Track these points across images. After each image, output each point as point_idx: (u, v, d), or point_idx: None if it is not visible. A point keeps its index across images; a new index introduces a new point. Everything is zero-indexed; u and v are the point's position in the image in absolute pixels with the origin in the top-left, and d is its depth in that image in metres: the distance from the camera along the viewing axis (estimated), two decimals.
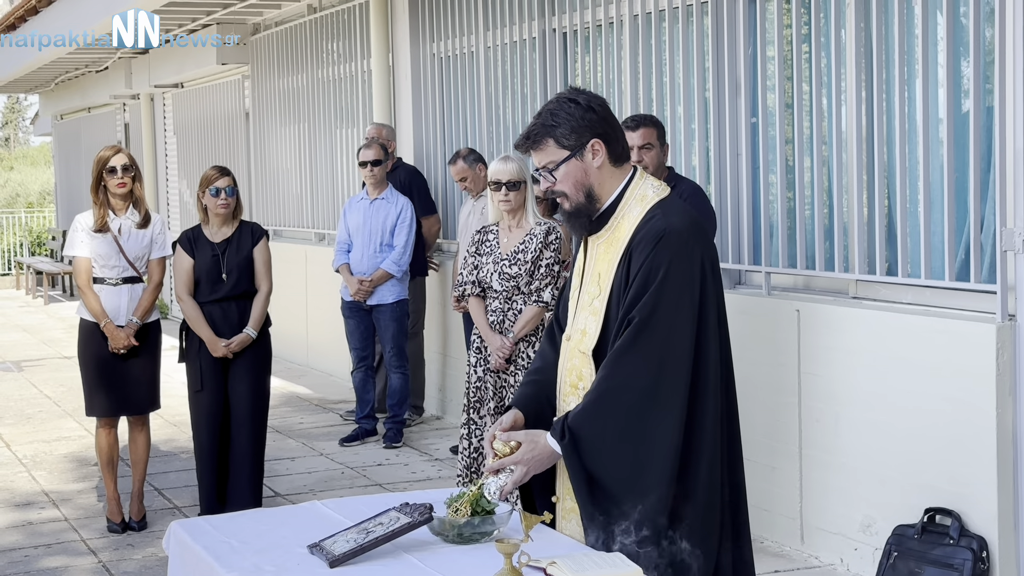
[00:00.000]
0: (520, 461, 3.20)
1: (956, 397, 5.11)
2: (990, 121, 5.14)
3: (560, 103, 3.30)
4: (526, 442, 3.22)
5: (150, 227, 6.63)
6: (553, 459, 3.22)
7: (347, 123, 11.09)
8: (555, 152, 3.29)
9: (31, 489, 7.62)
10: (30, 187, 35.35)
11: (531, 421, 3.34)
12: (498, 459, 3.21)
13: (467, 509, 3.15)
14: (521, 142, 3.35)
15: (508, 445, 3.22)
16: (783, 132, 6.14)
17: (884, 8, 5.58)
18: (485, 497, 3.17)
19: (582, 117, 3.27)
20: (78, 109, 20.99)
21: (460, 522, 3.14)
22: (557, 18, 8.02)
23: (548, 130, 3.29)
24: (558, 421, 3.21)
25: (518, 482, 3.20)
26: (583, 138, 3.27)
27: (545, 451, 3.20)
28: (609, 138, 3.30)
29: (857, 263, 5.73)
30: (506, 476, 3.20)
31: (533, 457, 3.20)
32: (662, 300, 3.14)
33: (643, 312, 3.13)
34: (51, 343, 14.36)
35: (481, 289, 6.27)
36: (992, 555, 4.99)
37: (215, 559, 3.11)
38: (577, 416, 3.17)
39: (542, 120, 3.30)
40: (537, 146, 3.32)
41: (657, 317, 3.13)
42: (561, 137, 3.27)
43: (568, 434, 3.16)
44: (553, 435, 3.20)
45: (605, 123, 3.30)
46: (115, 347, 6.50)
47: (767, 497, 5.97)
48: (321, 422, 9.41)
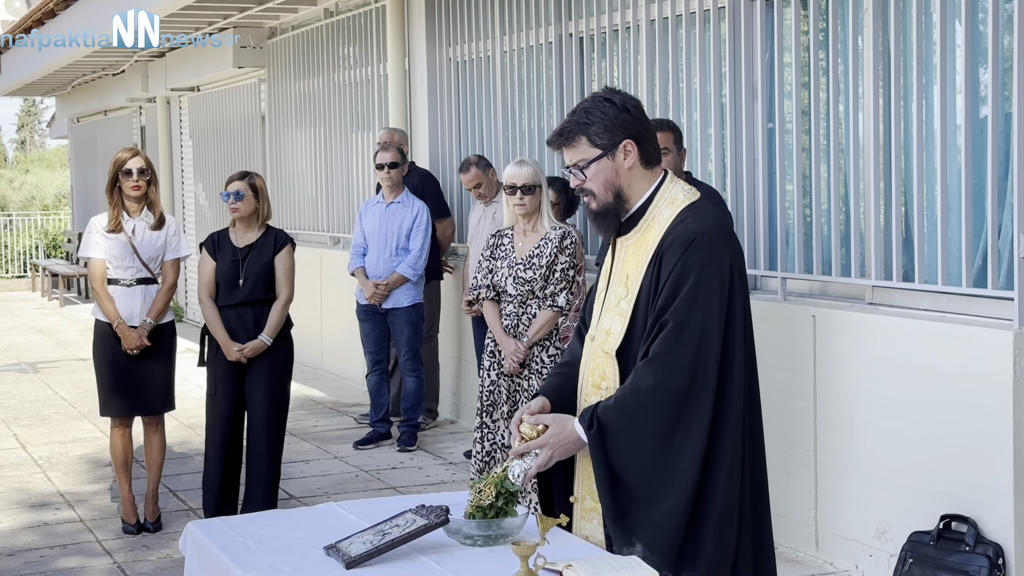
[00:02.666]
0: (546, 444, 3.21)
1: (972, 404, 5.10)
2: (1008, 127, 5.13)
3: (595, 102, 3.30)
4: (553, 425, 3.24)
5: (164, 229, 6.65)
6: (578, 446, 3.23)
7: (363, 127, 11.11)
8: (587, 150, 3.30)
9: (47, 490, 7.64)
10: (46, 190, 35.51)
11: (558, 410, 3.35)
12: (524, 442, 3.22)
13: (491, 491, 3.16)
14: (554, 138, 3.36)
15: (535, 428, 3.24)
16: (799, 138, 6.14)
17: (902, 15, 5.57)
18: (509, 479, 3.18)
19: (616, 117, 3.27)
20: (94, 112, 21.05)
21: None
22: (574, 23, 8.02)
23: (582, 128, 3.29)
24: (587, 410, 3.22)
25: (542, 465, 3.21)
26: (616, 138, 3.27)
27: (571, 436, 3.21)
28: (642, 139, 3.30)
29: (874, 269, 5.72)
30: (531, 459, 3.21)
31: (559, 441, 3.21)
32: (696, 304, 3.15)
33: (678, 316, 3.14)
34: (66, 345, 14.40)
35: (496, 293, 6.28)
36: (1008, 562, 4.97)
37: (232, 560, 3.12)
38: (607, 408, 3.18)
39: (576, 117, 3.31)
40: (569, 143, 3.32)
41: (692, 321, 3.14)
42: (594, 135, 3.28)
43: (596, 424, 3.17)
44: (581, 422, 3.21)
45: (639, 124, 3.30)
46: (128, 348, 6.52)
47: (782, 502, 5.96)
48: (336, 425, 9.42)
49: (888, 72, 5.64)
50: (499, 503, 3.16)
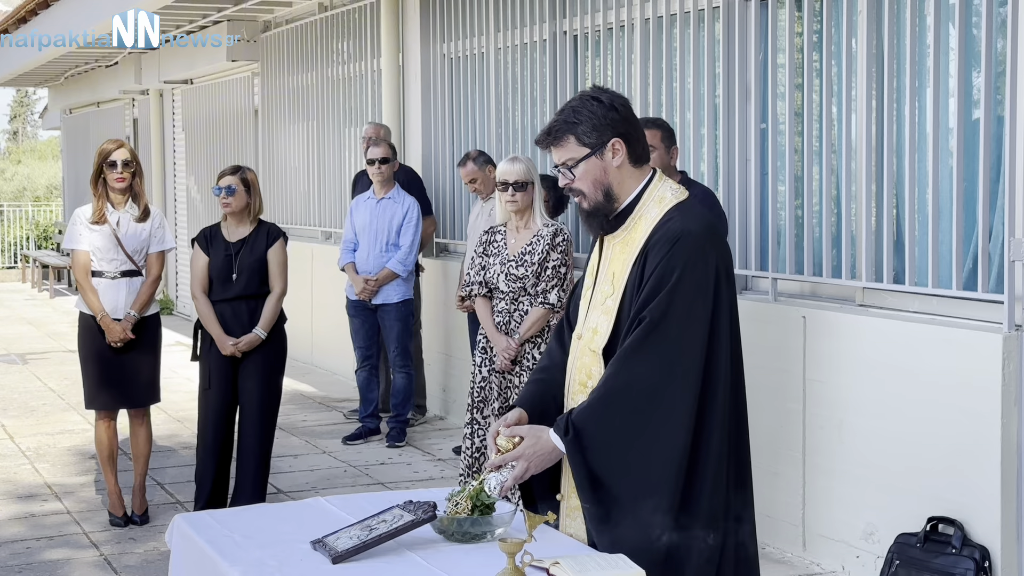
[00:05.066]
0: (521, 456, 3.18)
1: (961, 406, 5.10)
2: (1000, 131, 5.13)
3: (583, 101, 3.29)
4: (528, 437, 3.21)
5: (149, 221, 6.63)
6: (555, 456, 3.21)
7: (356, 122, 11.10)
8: (575, 149, 3.29)
9: (34, 481, 7.62)
10: (37, 181, 35.43)
11: (535, 420, 3.32)
12: (500, 455, 3.21)
13: (467, 504, 3.15)
14: (542, 138, 3.35)
15: (511, 441, 3.22)
16: (792, 139, 6.14)
17: (896, 18, 5.58)
18: (485, 492, 3.17)
19: (604, 116, 3.26)
20: (87, 104, 21.01)
21: (460, 518, 3.13)
22: (568, 21, 8.02)
23: (569, 127, 3.28)
24: (562, 418, 3.20)
25: (519, 478, 3.19)
26: (604, 136, 3.27)
27: (547, 447, 3.19)
28: (630, 138, 3.30)
29: (864, 270, 5.72)
30: (507, 472, 3.19)
31: (535, 452, 3.19)
32: (675, 302, 3.13)
33: (655, 313, 3.13)
34: (56, 336, 14.38)
35: (488, 289, 6.28)
36: (995, 565, 4.98)
37: (218, 553, 3.11)
38: (582, 413, 3.17)
39: (564, 117, 3.30)
40: (558, 142, 3.31)
41: (669, 319, 3.12)
42: (582, 135, 3.27)
43: (572, 430, 3.15)
44: (556, 431, 3.19)
45: (627, 123, 3.29)
46: (112, 341, 6.50)
47: (770, 503, 5.96)
48: (325, 420, 9.41)
49: (881, 74, 5.65)
50: (475, 516, 3.15)
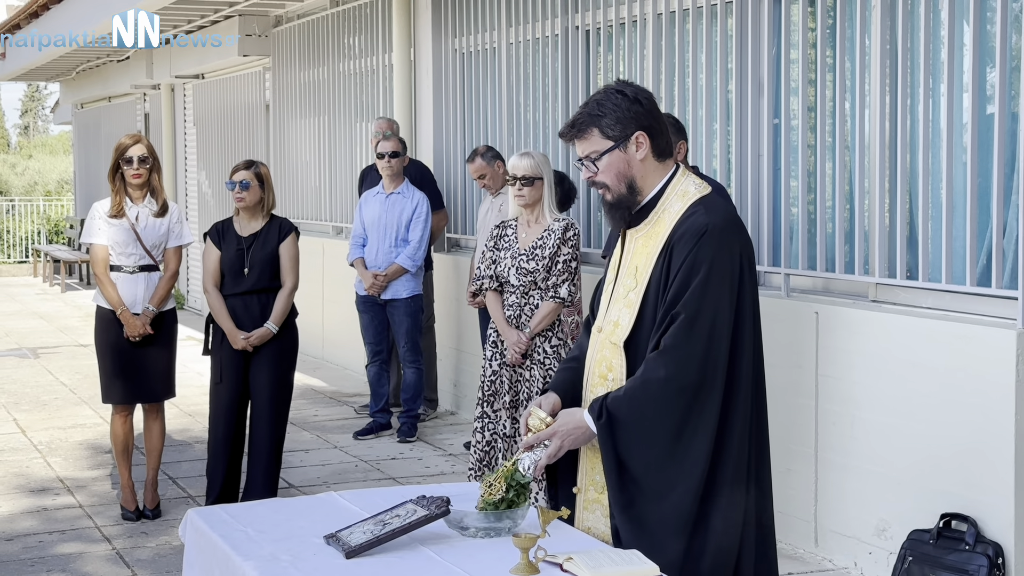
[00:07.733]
0: (555, 434, 3.23)
1: (974, 403, 5.09)
2: (1015, 127, 5.12)
3: (607, 94, 3.30)
4: (562, 415, 3.26)
5: (167, 216, 6.65)
6: (588, 436, 3.23)
7: (367, 117, 11.10)
8: (599, 142, 3.29)
9: (46, 475, 7.64)
10: (48, 175, 35.48)
11: (567, 404, 3.36)
12: (532, 434, 3.22)
13: (501, 485, 3.16)
14: (566, 130, 3.35)
15: (544, 421, 3.24)
16: (805, 134, 6.13)
17: (910, 13, 5.56)
18: (519, 471, 3.18)
19: (628, 109, 3.26)
20: (98, 98, 21.04)
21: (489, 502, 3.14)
22: (580, 16, 8.01)
23: (593, 120, 3.29)
24: (597, 400, 3.23)
25: (553, 456, 3.22)
26: (628, 130, 3.27)
27: (580, 426, 3.22)
28: (654, 132, 3.30)
29: (877, 266, 5.71)
30: (540, 451, 3.21)
31: (568, 431, 3.22)
32: (707, 296, 3.15)
33: (689, 309, 3.14)
34: (67, 331, 14.40)
35: (499, 284, 6.28)
36: (1008, 562, 4.97)
37: (232, 547, 3.11)
38: (617, 399, 3.18)
39: (588, 109, 3.30)
40: (581, 135, 3.31)
41: (703, 314, 3.14)
42: (606, 127, 3.27)
43: (606, 414, 3.17)
44: (590, 412, 3.21)
45: (651, 116, 3.29)
46: (130, 334, 6.51)
47: (782, 499, 5.93)
48: (336, 415, 9.42)
49: (895, 70, 5.63)
50: (510, 495, 3.16)
